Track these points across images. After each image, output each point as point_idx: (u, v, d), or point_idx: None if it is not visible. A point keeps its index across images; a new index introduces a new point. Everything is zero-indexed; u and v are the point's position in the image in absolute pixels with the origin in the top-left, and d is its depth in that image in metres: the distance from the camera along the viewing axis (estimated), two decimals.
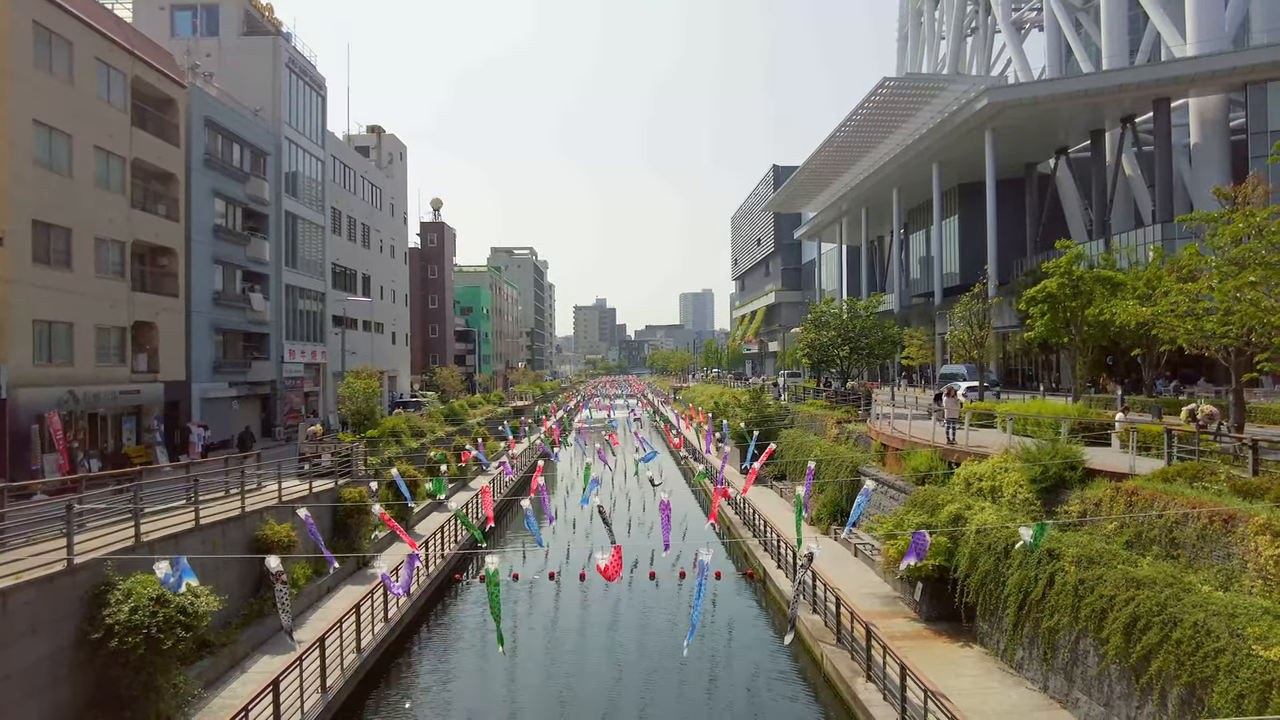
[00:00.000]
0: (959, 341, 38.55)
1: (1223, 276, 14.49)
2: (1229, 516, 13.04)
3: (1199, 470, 15.22)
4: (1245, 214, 14.04)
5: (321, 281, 48.42)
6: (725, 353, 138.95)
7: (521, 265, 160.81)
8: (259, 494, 22.45)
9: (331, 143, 51.51)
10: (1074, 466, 17.71)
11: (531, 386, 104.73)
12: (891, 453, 26.11)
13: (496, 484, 37.49)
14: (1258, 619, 10.73)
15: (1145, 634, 12.31)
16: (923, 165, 63.21)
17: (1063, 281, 26.13)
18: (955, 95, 56.00)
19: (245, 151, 39.62)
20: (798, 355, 57.83)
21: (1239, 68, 44.07)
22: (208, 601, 14.67)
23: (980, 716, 13.91)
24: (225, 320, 37.70)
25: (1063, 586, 14.59)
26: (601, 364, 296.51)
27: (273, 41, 43.69)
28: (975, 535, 17.62)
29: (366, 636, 18.79)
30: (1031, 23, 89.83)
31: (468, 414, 55.61)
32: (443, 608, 24.44)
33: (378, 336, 58.44)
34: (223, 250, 37.33)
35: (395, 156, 67.08)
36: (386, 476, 28.33)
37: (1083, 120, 52.76)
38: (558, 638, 21.79)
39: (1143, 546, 14.56)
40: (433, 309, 80.00)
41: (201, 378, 35.42)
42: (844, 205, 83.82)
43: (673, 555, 28.05)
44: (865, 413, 34.19)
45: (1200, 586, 12.34)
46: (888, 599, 20.88)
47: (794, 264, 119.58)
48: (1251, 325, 14.11)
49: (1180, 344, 17.92)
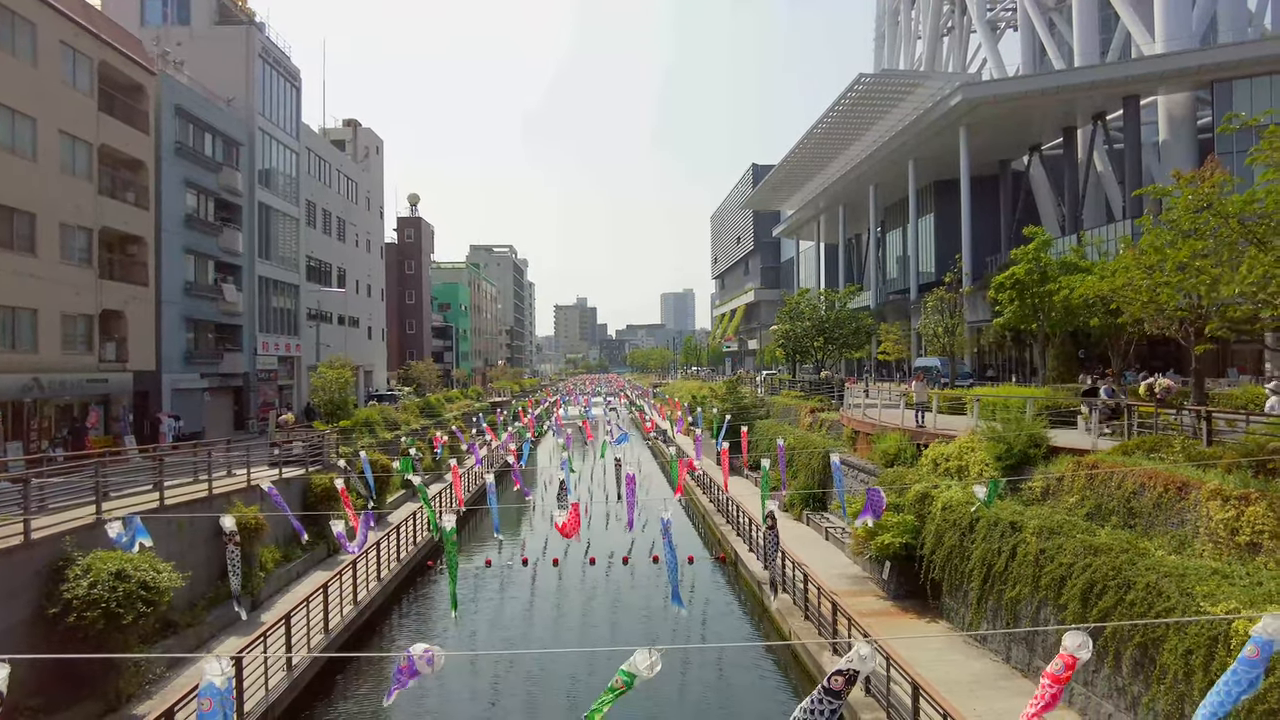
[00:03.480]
0: (932, 334, 38.94)
1: (1175, 248, 14.81)
2: (1183, 484, 13.29)
3: (1156, 443, 15.50)
4: (1197, 191, 14.36)
5: (296, 274, 48.01)
6: (705, 351, 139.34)
7: (501, 263, 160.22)
8: (229, 479, 22.26)
9: (306, 135, 51.09)
10: (1038, 445, 17.98)
11: (510, 383, 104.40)
12: (863, 438, 26.33)
13: (469, 476, 37.35)
14: (1206, 579, 10.95)
15: (1101, 598, 12.53)
16: (899, 162, 63.70)
17: (1030, 267, 26.51)
18: (930, 92, 56.51)
19: (217, 141, 39.22)
20: (774, 349, 58.15)
21: (1205, 66, 44.79)
22: (170, 578, 14.52)
23: (944, 686, 14.01)
24: (197, 311, 37.28)
25: (1024, 558, 14.80)
26: (582, 363, 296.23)
27: (245, 31, 43.26)
28: (941, 512, 17.82)
29: (335, 618, 18.69)
30: (1006, 22, 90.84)
31: (444, 408, 55.39)
32: (414, 592, 24.34)
33: (353, 331, 58.01)
34: (194, 240, 36.92)
35: (371, 150, 66.65)
36: (357, 466, 28.18)
37: (1055, 117, 53.40)
38: (530, 620, 21.77)
39: (1103, 517, 14.79)
40: (409, 305, 79.50)
41: (172, 368, 35.00)
42: (821, 203, 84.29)
43: (647, 541, 28.16)
44: (838, 401, 34.44)
45: (1155, 551, 12.57)
46: (857, 579, 21.07)
47: (773, 262, 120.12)
48: (1201, 294, 14.44)
49: (1135, 316, 18.26)
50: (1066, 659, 6.56)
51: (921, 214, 66.99)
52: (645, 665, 5.91)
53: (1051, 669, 6.85)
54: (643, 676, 5.97)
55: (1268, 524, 11.37)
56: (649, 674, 5.95)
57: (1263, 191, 13.38)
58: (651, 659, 5.88)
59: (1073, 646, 6.40)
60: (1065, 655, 6.55)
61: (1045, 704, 7.21)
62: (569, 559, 27.75)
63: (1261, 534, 11.47)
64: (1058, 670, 6.73)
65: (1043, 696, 7.16)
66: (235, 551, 14.69)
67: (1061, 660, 6.64)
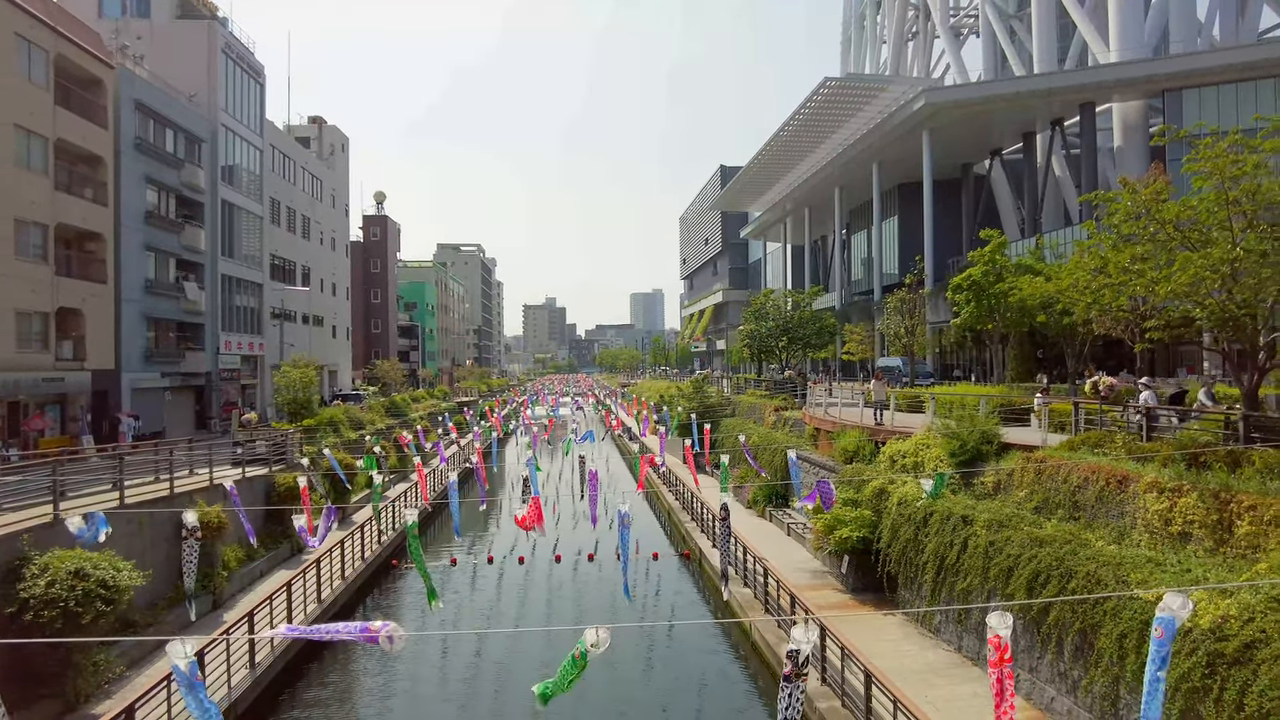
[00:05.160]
0: (894, 334, 39.70)
1: (1116, 250, 15.44)
2: (1123, 478, 13.88)
3: (1100, 438, 16.12)
4: (1137, 198, 14.98)
5: (259, 272, 47.50)
6: (674, 351, 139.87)
7: (469, 262, 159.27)
8: (191, 478, 22.07)
9: (271, 132, 50.55)
10: (990, 441, 18.55)
11: (477, 383, 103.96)
12: (824, 435, 26.84)
13: (434, 475, 37.28)
14: (1140, 566, 11.48)
15: (1045, 587, 13.03)
16: (863, 165, 64.69)
17: (986, 269, 27.22)
18: (894, 96, 57.52)
19: (179, 137, 38.69)
20: (740, 350, 58.74)
21: (1156, 75, 46.21)
22: (130, 576, 14.45)
23: (898, 674, 14.46)
24: (158, 309, 36.77)
25: (975, 550, 15.30)
26: (551, 363, 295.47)
27: (208, 26, 42.73)
28: (897, 507, 18.31)
29: (299, 616, 18.67)
30: (969, 29, 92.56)
31: (410, 408, 55.11)
32: (380, 591, 24.34)
33: (317, 330, 57.48)
34: (155, 238, 36.42)
35: (337, 147, 66.07)
36: (323, 464, 28.06)
37: (1015, 122, 54.68)
38: (496, 617, 21.90)
39: (1050, 510, 15.36)
40: (375, 304, 78.88)
41: (132, 367, 34.51)
42: (788, 205, 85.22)
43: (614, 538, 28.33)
44: (801, 400, 34.99)
45: (1095, 542, 13.10)
46: (817, 573, 21.51)
47: (741, 263, 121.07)
48: (1142, 296, 15.11)
49: (1082, 317, 18.96)
50: (994, 641, 6.94)
51: (885, 216, 68.07)
52: (593, 641, 6.22)
53: (990, 658, 7.23)
54: (594, 651, 6.28)
55: (1197, 514, 11.95)
56: (599, 649, 6.26)
57: (1195, 199, 14.04)
58: (599, 635, 6.18)
59: (996, 626, 6.78)
60: (992, 638, 6.93)
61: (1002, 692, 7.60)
62: (536, 557, 27.91)
63: (1192, 524, 12.05)
64: (993, 656, 7.11)
65: (997, 688, 7.55)
66: (194, 548, 14.64)
67: (991, 644, 7.02)
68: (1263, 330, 14.15)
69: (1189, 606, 6.49)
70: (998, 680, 7.35)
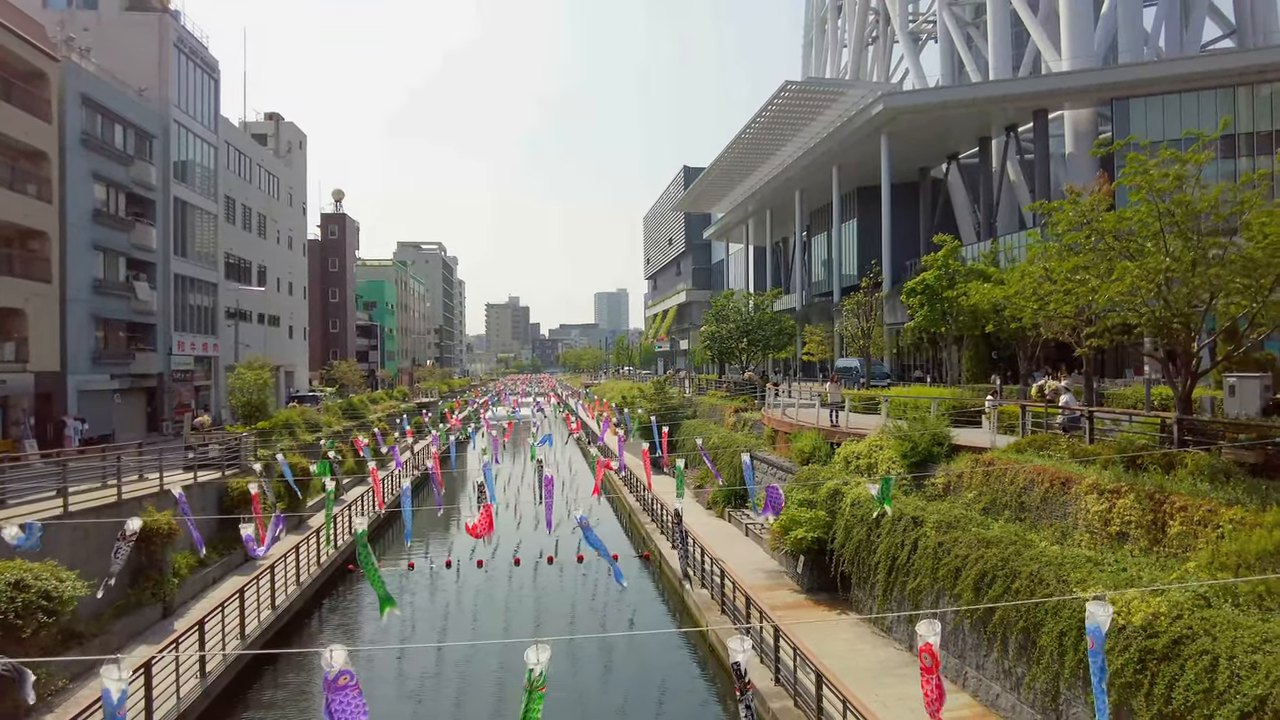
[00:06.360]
0: (850, 335, 40.31)
1: (1059, 259, 15.93)
2: (1066, 480, 14.30)
3: (1046, 441, 16.58)
4: (1079, 207, 15.46)
5: (214, 272, 46.56)
6: (638, 351, 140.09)
7: (430, 261, 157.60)
8: (140, 483, 21.60)
9: (226, 128, 49.56)
10: (941, 443, 18.96)
11: (438, 384, 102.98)
12: (781, 437, 27.16)
13: (390, 480, 36.89)
14: (1080, 566, 11.87)
15: (991, 587, 13.39)
16: (824, 168, 65.41)
17: (939, 274, 27.79)
18: (854, 100, 58.30)
19: (129, 133, 37.76)
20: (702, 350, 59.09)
21: (1105, 84, 47.49)
22: (73, 586, 14.13)
23: (851, 673, 14.76)
24: (107, 309, 35.84)
25: (924, 550, 15.65)
26: (514, 363, 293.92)
27: (159, 18, 41.70)
28: (850, 508, 18.63)
29: (252, 623, 18.39)
30: (928, 34, 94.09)
31: (368, 409, 54.43)
32: (335, 597, 24.06)
33: (274, 330, 56.51)
34: (103, 236, 35.49)
35: (294, 145, 65.00)
36: (276, 469, 27.62)
37: (971, 127, 55.76)
38: (455, 621, 21.80)
39: (997, 511, 15.76)
40: (333, 303, 77.78)
41: (79, 369, 33.59)
42: (750, 206, 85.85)
43: (574, 541, 28.39)
44: (761, 401, 35.34)
45: (1039, 543, 13.49)
46: (773, 573, 21.78)
47: (704, 264, 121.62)
48: (1084, 304, 15.62)
49: (1029, 322, 19.52)
50: (924, 647, 7.15)
51: (845, 219, 68.97)
52: (535, 660, 6.25)
53: (922, 664, 7.45)
54: (539, 669, 6.30)
55: (1134, 515, 12.37)
56: (542, 666, 6.28)
57: (1130, 211, 14.54)
58: (539, 654, 6.22)
59: (925, 634, 6.99)
60: (922, 645, 7.15)
61: (934, 697, 7.85)
62: (496, 560, 27.81)
63: (1129, 524, 12.48)
64: (927, 662, 7.33)
65: (929, 693, 7.79)
66: (124, 549, 14.29)
67: (922, 651, 7.24)
68: (1195, 337, 14.68)
69: (1109, 611, 6.78)
70: (934, 687, 7.59)
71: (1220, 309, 14.56)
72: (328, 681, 6.66)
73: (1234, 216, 14.46)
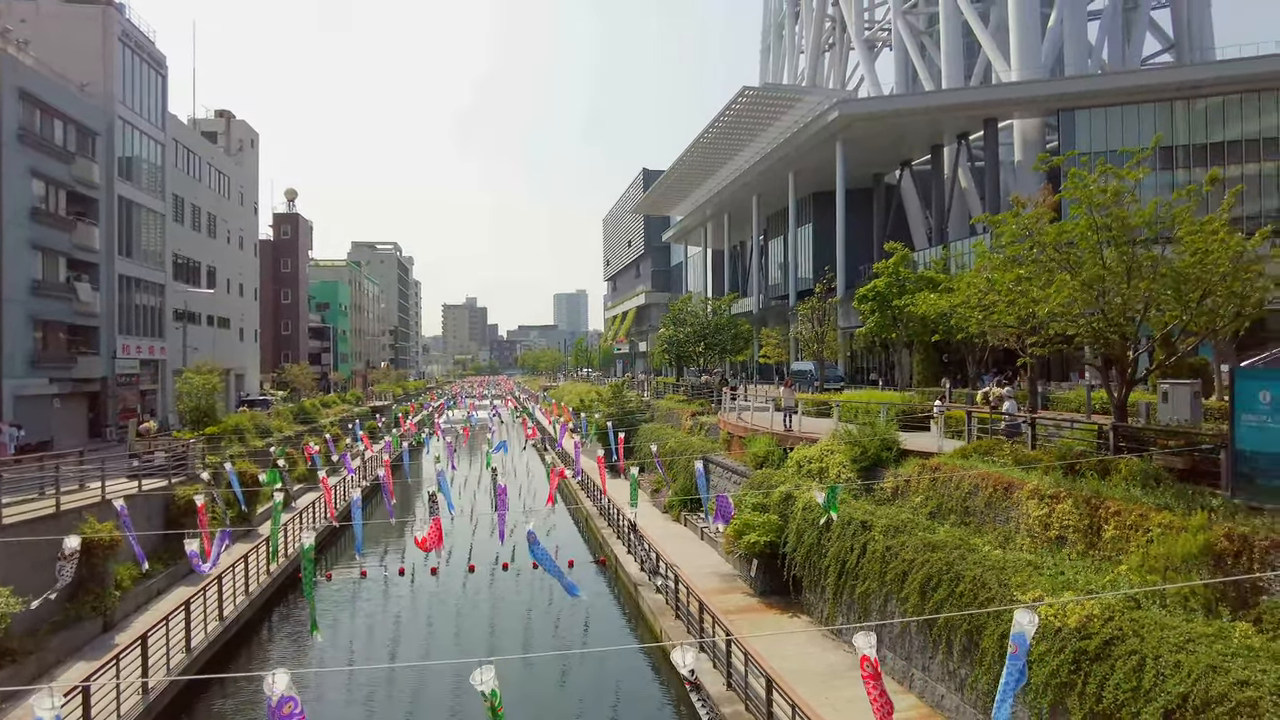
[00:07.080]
0: (805, 339, 40.85)
1: (1003, 270, 16.40)
2: (1009, 485, 14.71)
3: (991, 446, 17.02)
4: (1021, 219, 15.94)
5: (161, 272, 45.36)
6: (597, 353, 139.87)
7: (385, 261, 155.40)
8: (80, 493, 20.96)
9: (174, 125, 48.33)
10: (890, 448, 19.34)
11: (393, 386, 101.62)
12: (737, 440, 27.41)
13: (342, 486, 36.34)
14: (1020, 570, 12.22)
15: (936, 591, 13.71)
16: (780, 173, 66.12)
17: (890, 281, 28.33)
18: (810, 106, 59.03)
19: (69, 129, 36.62)
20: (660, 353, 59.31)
21: (1051, 95, 48.88)
22: (6, 602, 13.70)
23: (801, 676, 14.97)
24: (46, 311, 34.69)
25: (873, 554, 15.95)
26: (472, 365, 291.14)
27: (102, 11, 40.49)
28: (801, 512, 18.89)
29: (198, 636, 17.99)
30: (883, 42, 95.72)
31: (320, 413, 53.50)
32: (287, 604, 23.64)
33: (223, 332, 55.26)
34: (42, 235, 34.36)
35: (246, 143, 63.64)
36: (224, 478, 27.04)
37: (924, 135, 56.88)
38: (408, 630, 21.58)
39: (943, 515, 16.14)
40: (286, 304, 76.31)
41: (15, 373, 32.47)
42: (709, 210, 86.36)
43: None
44: (717, 405, 35.61)
45: (982, 547, 13.86)
46: (727, 577, 21.98)
47: (663, 266, 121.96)
48: (1027, 314, 16.13)
49: (974, 331, 20.06)
50: (863, 659, 7.34)
51: (801, 223, 69.78)
52: (481, 681, 6.27)
53: (863, 672, 7.63)
54: (488, 688, 6.32)
55: (1072, 519, 12.79)
56: (491, 685, 6.30)
57: (1070, 224, 15.03)
58: (484, 675, 6.24)
59: (862, 646, 7.17)
60: (862, 657, 7.33)
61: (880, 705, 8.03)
62: (450, 567, 27.59)
63: (1068, 528, 12.89)
64: (868, 670, 7.51)
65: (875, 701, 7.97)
66: (66, 570, 13.91)
67: (863, 660, 7.42)
68: (1130, 347, 15.21)
69: (1035, 620, 7.05)
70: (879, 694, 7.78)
71: (1154, 320, 15.11)
72: (271, 709, 6.57)
73: (1168, 229, 15.06)
